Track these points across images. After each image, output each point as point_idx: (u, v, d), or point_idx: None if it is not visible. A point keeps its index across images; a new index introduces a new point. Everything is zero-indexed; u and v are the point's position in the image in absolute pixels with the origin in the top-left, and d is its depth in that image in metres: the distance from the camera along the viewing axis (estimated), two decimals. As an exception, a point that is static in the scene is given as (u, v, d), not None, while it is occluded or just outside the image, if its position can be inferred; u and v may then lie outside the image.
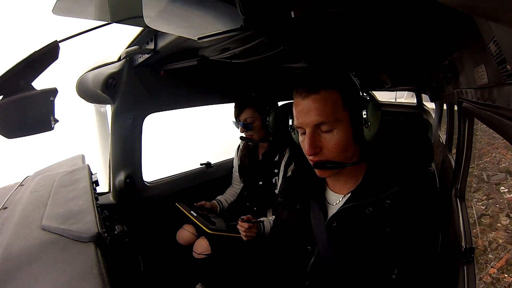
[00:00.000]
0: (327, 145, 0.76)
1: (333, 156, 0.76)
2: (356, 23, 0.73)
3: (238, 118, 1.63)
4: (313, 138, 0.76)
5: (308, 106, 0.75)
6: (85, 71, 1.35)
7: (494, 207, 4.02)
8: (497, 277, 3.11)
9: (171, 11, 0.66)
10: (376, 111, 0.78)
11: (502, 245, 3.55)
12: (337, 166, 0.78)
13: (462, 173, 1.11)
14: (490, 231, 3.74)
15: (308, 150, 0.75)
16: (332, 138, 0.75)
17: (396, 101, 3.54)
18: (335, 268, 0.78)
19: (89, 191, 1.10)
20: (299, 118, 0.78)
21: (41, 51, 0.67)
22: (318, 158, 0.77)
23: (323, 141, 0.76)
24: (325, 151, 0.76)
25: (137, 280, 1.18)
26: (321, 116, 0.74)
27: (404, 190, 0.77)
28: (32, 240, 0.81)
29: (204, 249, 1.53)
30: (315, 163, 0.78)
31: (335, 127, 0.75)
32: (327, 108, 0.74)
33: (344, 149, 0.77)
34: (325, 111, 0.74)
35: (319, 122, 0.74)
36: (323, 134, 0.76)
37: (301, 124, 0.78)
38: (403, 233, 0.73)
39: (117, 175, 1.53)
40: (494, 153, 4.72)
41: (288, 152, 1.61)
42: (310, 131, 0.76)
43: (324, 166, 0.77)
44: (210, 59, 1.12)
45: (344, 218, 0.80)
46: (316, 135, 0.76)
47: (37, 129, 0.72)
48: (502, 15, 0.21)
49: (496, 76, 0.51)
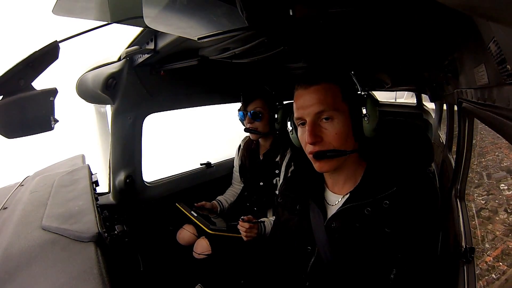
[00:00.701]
0: (327, 134, 0.77)
1: (334, 147, 0.77)
2: (356, 23, 0.73)
3: (245, 109, 1.59)
4: (314, 126, 0.77)
5: (309, 96, 0.78)
6: (85, 71, 1.35)
7: (493, 202, 4.30)
8: (492, 265, 3.48)
9: (171, 11, 0.66)
10: (374, 106, 0.79)
11: (499, 237, 3.86)
12: (339, 154, 0.78)
13: (462, 173, 1.11)
14: (488, 223, 4.05)
15: (309, 138, 0.76)
16: (332, 128, 0.77)
17: (396, 101, 3.53)
18: (335, 268, 0.78)
19: (89, 191, 1.10)
20: (300, 109, 0.80)
21: (41, 51, 0.67)
22: (319, 148, 0.77)
23: (323, 131, 0.77)
24: (325, 141, 0.77)
25: (137, 280, 1.18)
26: (322, 104, 0.76)
27: (403, 191, 0.77)
28: (32, 240, 0.81)
29: (204, 249, 1.52)
30: (315, 153, 0.78)
31: (335, 116, 0.77)
32: (328, 98, 0.77)
33: (345, 140, 0.78)
34: (326, 100, 0.76)
35: (320, 110, 0.76)
36: (324, 124, 0.78)
37: (302, 114, 0.79)
38: (402, 233, 0.73)
39: (117, 175, 1.53)
40: (497, 152, 4.88)
41: (290, 152, 1.60)
42: (310, 119, 0.77)
43: (325, 155, 0.77)
44: (210, 59, 1.12)
45: (343, 218, 0.80)
46: (316, 125, 0.78)
47: (37, 129, 0.72)
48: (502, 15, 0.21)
49: (496, 76, 0.51)
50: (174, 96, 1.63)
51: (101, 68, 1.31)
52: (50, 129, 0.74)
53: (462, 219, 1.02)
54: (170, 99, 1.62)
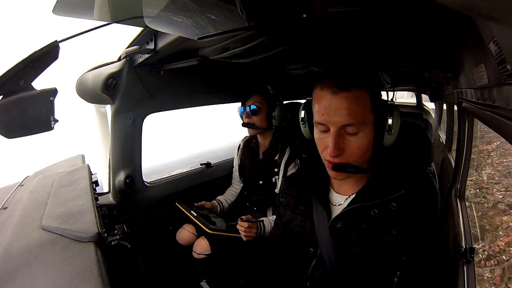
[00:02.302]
0: (349, 147, 0.72)
1: (353, 160, 0.73)
2: (356, 23, 0.73)
3: (244, 104, 1.62)
4: (338, 139, 0.71)
5: (337, 103, 0.69)
6: (85, 71, 1.35)
7: (510, 198, 4.95)
8: (504, 248, 4.50)
9: (171, 11, 0.66)
10: (399, 118, 0.75)
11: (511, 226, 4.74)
12: (360, 171, 0.74)
13: (462, 172, 1.11)
14: (503, 215, 4.78)
15: (332, 151, 0.71)
16: (356, 141, 0.72)
17: (396, 101, 3.54)
18: (337, 270, 0.78)
19: (89, 191, 1.10)
20: (324, 114, 0.71)
21: (41, 51, 0.67)
22: (339, 160, 0.73)
23: (346, 143, 0.72)
24: (346, 153, 0.73)
25: (137, 280, 1.18)
26: (351, 117, 0.69)
27: (411, 194, 0.75)
28: (32, 240, 0.81)
29: (204, 249, 1.52)
30: (335, 165, 0.73)
31: (361, 130, 0.71)
32: (358, 108, 0.69)
33: (365, 154, 0.74)
34: (355, 111, 0.69)
35: (348, 124, 0.70)
36: (348, 136, 0.72)
37: (326, 121, 0.72)
38: (408, 236, 0.72)
39: (117, 175, 1.53)
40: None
41: (289, 151, 1.60)
42: (335, 130, 0.71)
43: (346, 170, 0.73)
44: (210, 59, 1.12)
45: (348, 219, 0.79)
46: (340, 136, 0.72)
47: (37, 129, 0.72)
48: (502, 15, 0.21)
49: (496, 76, 0.51)
50: (174, 96, 1.63)
51: (101, 68, 1.31)
52: (50, 129, 0.74)
53: (462, 219, 1.02)
54: (170, 99, 1.62)
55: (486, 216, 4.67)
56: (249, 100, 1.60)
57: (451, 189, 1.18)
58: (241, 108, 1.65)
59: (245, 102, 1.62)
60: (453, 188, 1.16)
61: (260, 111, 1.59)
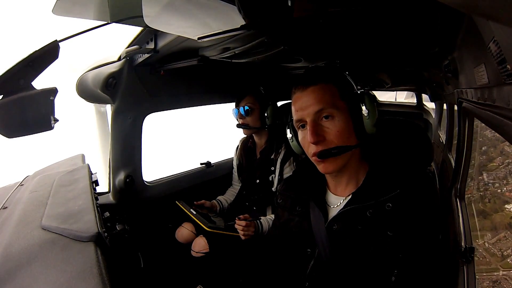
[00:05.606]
0: (329, 133, 0.77)
1: (336, 145, 0.77)
2: (356, 23, 0.73)
3: (238, 106, 1.65)
4: (315, 126, 0.76)
5: (307, 97, 0.78)
6: (85, 71, 1.35)
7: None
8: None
9: (171, 11, 0.66)
10: (372, 103, 0.79)
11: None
12: (343, 150, 0.76)
13: (462, 172, 1.11)
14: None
15: (311, 137, 0.75)
16: (334, 126, 0.76)
17: (396, 101, 3.53)
18: (335, 270, 0.78)
19: (89, 191, 1.10)
20: (299, 110, 0.80)
21: (41, 50, 0.67)
22: (322, 147, 0.77)
23: (325, 130, 0.77)
24: (328, 140, 0.77)
25: (137, 278, 1.18)
26: (321, 102, 0.76)
27: (406, 193, 0.76)
28: (32, 239, 0.81)
29: (202, 248, 1.53)
30: (319, 153, 0.77)
31: (335, 114, 0.76)
32: (326, 96, 0.77)
33: (347, 138, 0.77)
34: (324, 98, 0.77)
35: (319, 109, 0.76)
36: (325, 123, 0.77)
37: (301, 115, 0.79)
38: (404, 236, 0.72)
39: (117, 174, 1.53)
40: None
41: (284, 149, 1.61)
42: (311, 119, 0.77)
43: (329, 153, 0.76)
44: (210, 59, 1.12)
45: (345, 220, 0.79)
46: (317, 124, 0.77)
47: (37, 128, 0.72)
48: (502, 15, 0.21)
49: (496, 76, 0.51)
50: (174, 95, 1.63)
51: (101, 68, 1.31)
52: (50, 129, 0.74)
53: (462, 218, 1.02)
54: (170, 99, 1.62)
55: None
56: (242, 101, 1.63)
57: (451, 189, 1.18)
58: (235, 109, 1.68)
59: (238, 104, 1.65)
60: (453, 188, 1.16)
61: (253, 111, 1.62)
